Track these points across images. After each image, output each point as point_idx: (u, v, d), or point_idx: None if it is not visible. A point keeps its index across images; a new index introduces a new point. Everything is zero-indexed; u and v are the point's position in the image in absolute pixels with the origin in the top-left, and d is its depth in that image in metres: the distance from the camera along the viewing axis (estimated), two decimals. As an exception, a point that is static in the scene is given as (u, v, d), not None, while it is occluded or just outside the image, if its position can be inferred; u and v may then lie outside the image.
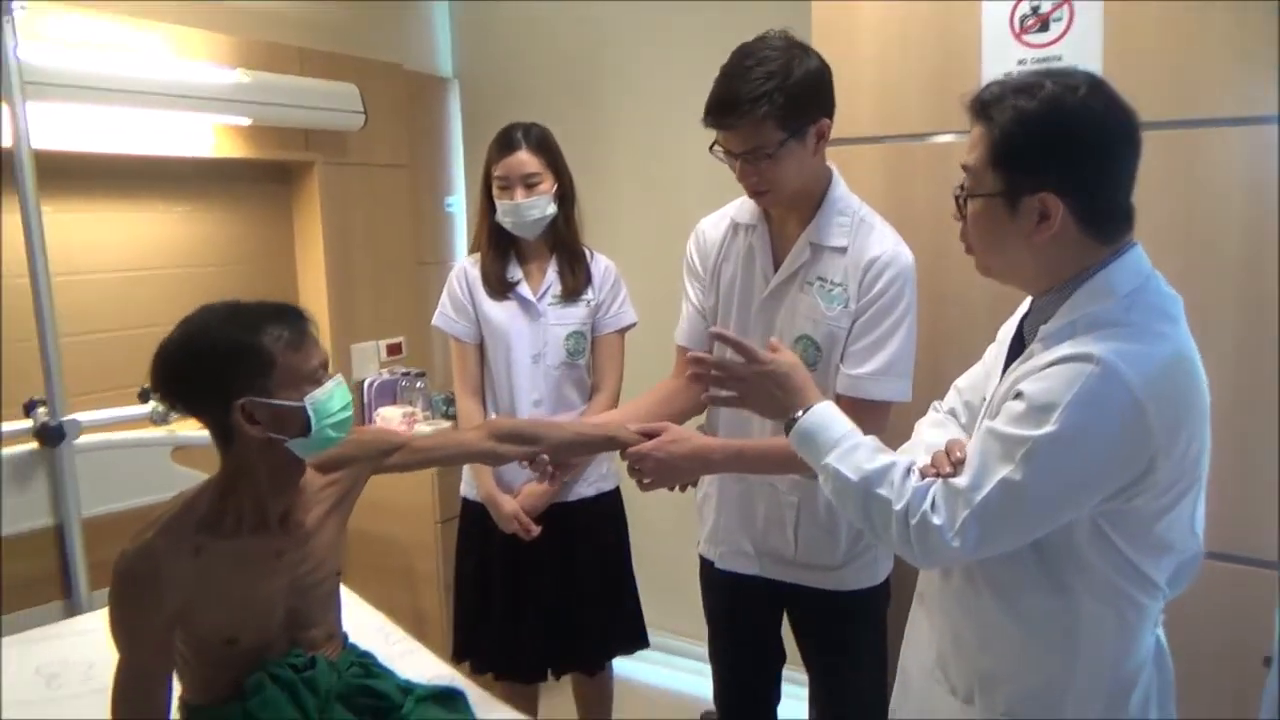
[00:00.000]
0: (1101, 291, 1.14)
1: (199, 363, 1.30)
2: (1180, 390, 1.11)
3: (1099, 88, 1.13)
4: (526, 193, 2.13)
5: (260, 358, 1.30)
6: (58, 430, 2.11)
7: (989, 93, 1.17)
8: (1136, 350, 1.08)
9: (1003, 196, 1.15)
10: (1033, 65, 1.85)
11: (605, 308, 2.25)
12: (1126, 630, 1.18)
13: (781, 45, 1.60)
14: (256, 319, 1.33)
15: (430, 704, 1.56)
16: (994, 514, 1.11)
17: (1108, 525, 1.13)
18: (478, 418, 2.21)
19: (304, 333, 1.36)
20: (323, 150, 2.90)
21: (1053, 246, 1.15)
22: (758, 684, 1.97)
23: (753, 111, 1.55)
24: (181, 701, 1.44)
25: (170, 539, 1.32)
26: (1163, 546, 1.15)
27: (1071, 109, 1.11)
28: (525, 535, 2.10)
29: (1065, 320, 1.16)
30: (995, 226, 1.18)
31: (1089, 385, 1.06)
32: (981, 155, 1.17)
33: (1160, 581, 1.17)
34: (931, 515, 1.14)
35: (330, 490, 1.50)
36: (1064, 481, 1.09)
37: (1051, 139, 1.12)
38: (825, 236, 1.69)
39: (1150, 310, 1.13)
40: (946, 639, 1.31)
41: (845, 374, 1.66)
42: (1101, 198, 1.14)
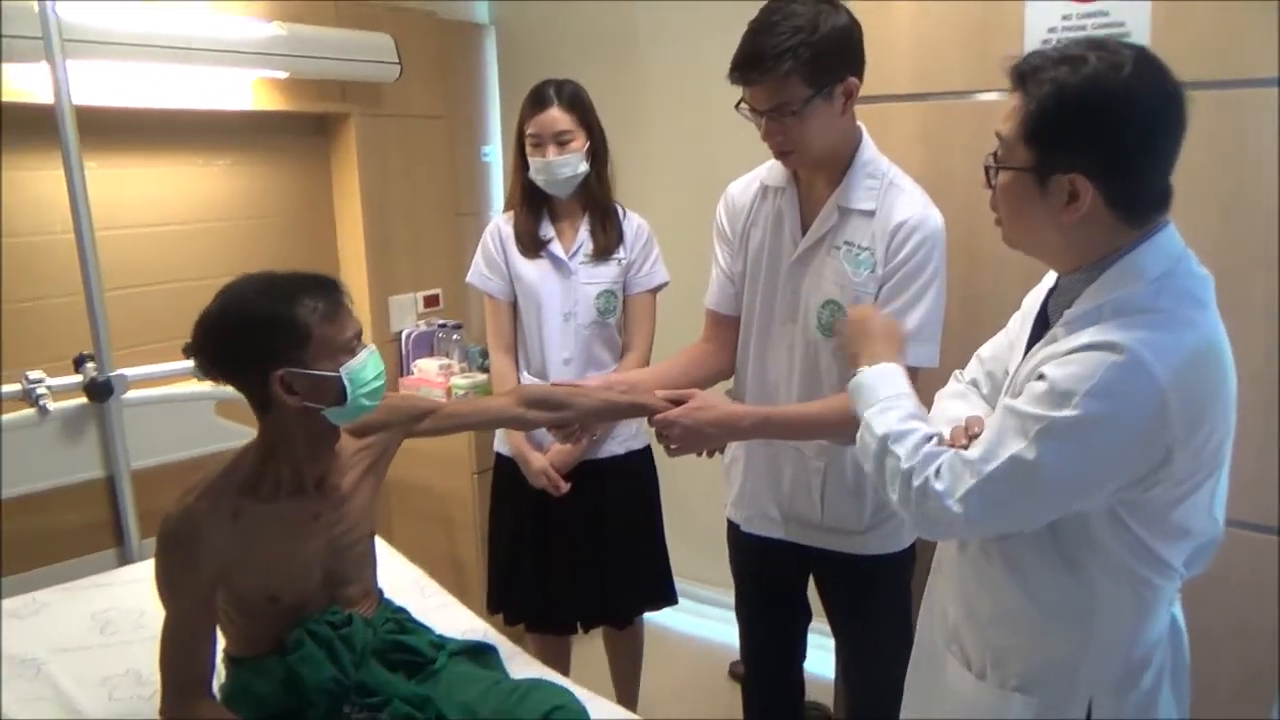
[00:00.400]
0: (1130, 275, 1.12)
1: (237, 334, 1.34)
2: (1206, 382, 1.09)
3: (1146, 65, 1.08)
4: (558, 150, 2.12)
5: (297, 329, 1.33)
6: (106, 385, 2.18)
7: (1030, 61, 1.13)
8: (1164, 339, 1.06)
9: (1032, 173, 1.13)
10: (1078, 20, 1.79)
11: (637, 266, 2.25)
12: (1141, 610, 1.18)
13: (810, 1, 1.57)
14: (292, 290, 1.36)
15: (462, 659, 1.62)
16: (999, 488, 1.11)
17: (1124, 511, 1.12)
18: (510, 375, 2.24)
19: (339, 304, 1.39)
20: (359, 102, 2.90)
21: (1081, 227, 1.13)
22: (784, 643, 2.01)
23: (777, 67, 1.53)
24: (225, 654, 1.51)
25: (211, 502, 1.37)
26: (1180, 531, 1.15)
27: (1112, 89, 1.07)
28: (554, 491, 2.14)
29: (1091, 304, 1.13)
30: (1023, 202, 1.16)
31: (1113, 374, 1.05)
32: (1015, 127, 1.14)
33: (1176, 564, 1.17)
34: (934, 480, 1.15)
35: (364, 454, 1.55)
36: (1076, 467, 1.08)
37: (1088, 120, 1.08)
38: (853, 200, 1.67)
39: (1179, 295, 1.11)
40: (961, 612, 1.32)
41: None
42: (1136, 182, 1.11)
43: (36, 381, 2.14)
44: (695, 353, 1.91)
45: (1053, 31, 1.82)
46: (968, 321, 1.85)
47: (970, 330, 1.74)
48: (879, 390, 1.30)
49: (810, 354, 1.74)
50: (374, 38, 2.82)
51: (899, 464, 1.19)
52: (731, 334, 1.88)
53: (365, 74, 2.83)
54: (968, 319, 1.86)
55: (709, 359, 1.89)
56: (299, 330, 1.33)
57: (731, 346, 1.88)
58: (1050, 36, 1.82)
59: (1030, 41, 1.83)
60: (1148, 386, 1.04)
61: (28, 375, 2.14)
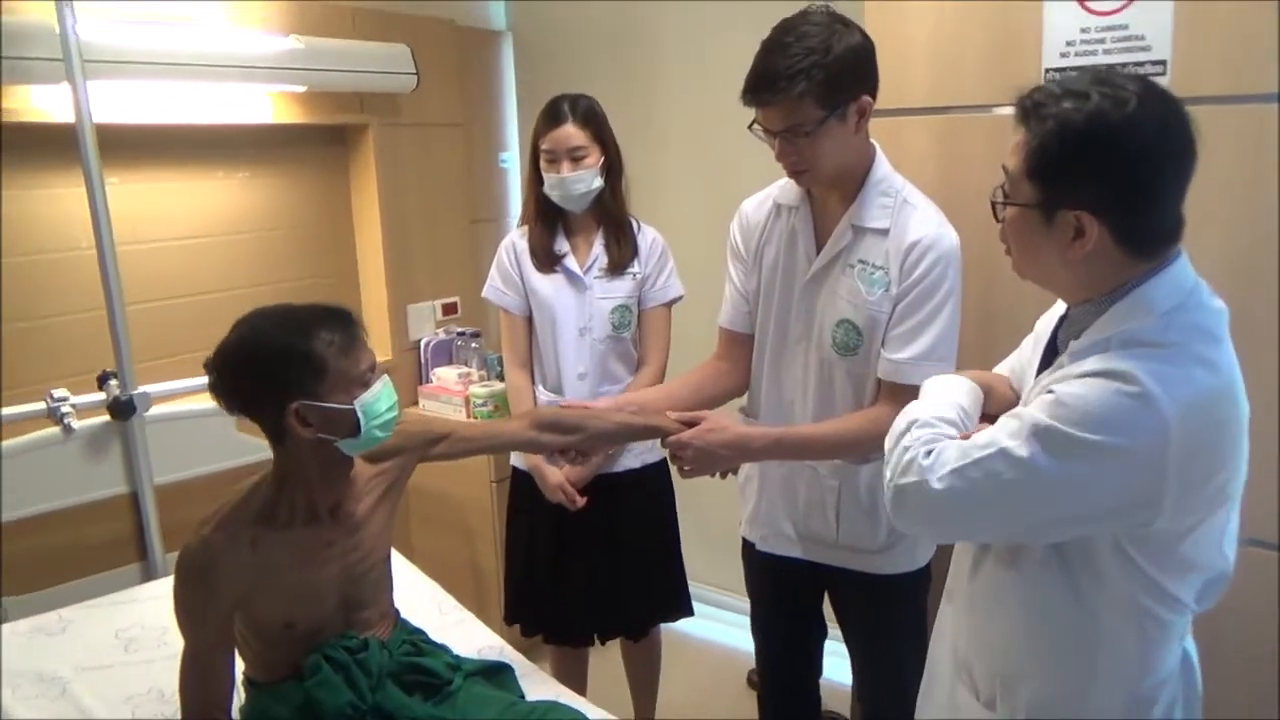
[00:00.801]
0: (1139, 309, 1.11)
1: (254, 367, 1.35)
2: (1215, 423, 1.08)
3: (1152, 100, 1.07)
4: (573, 166, 2.12)
5: (313, 362, 1.35)
6: (129, 404, 2.21)
7: (1034, 97, 1.12)
8: (1177, 377, 1.04)
9: (1038, 209, 1.12)
10: (1097, 33, 1.77)
11: (651, 280, 2.25)
12: (1148, 644, 1.17)
13: (823, 20, 1.56)
14: (309, 323, 1.37)
15: (479, 679, 1.63)
16: (981, 475, 1.10)
17: (1129, 544, 1.11)
18: (526, 389, 2.25)
19: (354, 336, 1.40)
20: (377, 112, 2.92)
21: (1089, 262, 1.12)
22: (800, 658, 2.01)
23: (790, 88, 1.52)
24: (245, 677, 1.53)
25: (228, 532, 1.39)
26: (1187, 566, 1.14)
27: (1116, 126, 1.05)
28: (571, 506, 2.15)
29: (1099, 336, 1.13)
30: (1030, 237, 1.15)
31: (1122, 404, 1.04)
32: (1020, 163, 1.13)
33: (1185, 598, 1.16)
34: (922, 458, 1.15)
35: (378, 480, 1.56)
36: (1062, 479, 1.07)
37: (1091, 157, 1.07)
38: (867, 218, 1.67)
39: (1190, 329, 1.09)
40: (970, 641, 1.32)
41: (885, 358, 1.65)
42: (1144, 218, 1.10)
43: (61, 400, 2.17)
44: (707, 371, 1.91)
45: (1071, 45, 1.79)
46: (984, 339, 1.84)
47: (986, 349, 1.73)
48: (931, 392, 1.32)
49: (825, 372, 1.73)
50: (391, 48, 2.83)
51: (901, 439, 1.21)
52: (745, 352, 1.88)
53: (383, 85, 2.85)
54: (984, 337, 1.85)
55: (722, 377, 1.89)
56: (315, 363, 1.35)
57: (745, 364, 1.88)
58: (1069, 49, 1.80)
59: (1049, 54, 1.81)
60: (1154, 424, 1.03)
61: (52, 394, 2.17)
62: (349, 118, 2.87)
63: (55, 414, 2.16)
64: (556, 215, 2.22)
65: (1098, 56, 1.77)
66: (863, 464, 1.74)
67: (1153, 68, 1.72)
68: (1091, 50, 1.77)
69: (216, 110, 2.54)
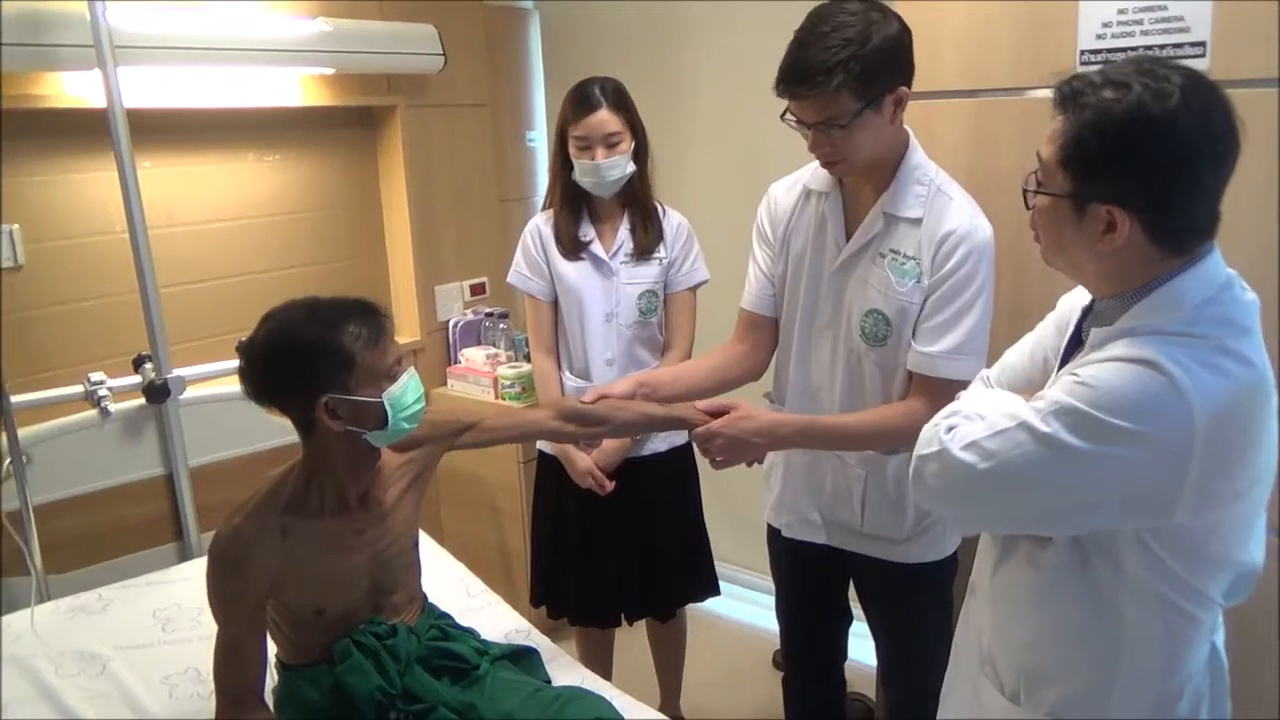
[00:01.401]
0: (1169, 303, 1.09)
1: (283, 362, 1.37)
2: (1243, 422, 1.06)
3: (1196, 95, 1.03)
4: (607, 152, 2.10)
5: (342, 356, 1.36)
6: (164, 388, 2.25)
7: (1073, 84, 1.09)
8: (1202, 365, 1.02)
9: (1070, 200, 1.10)
10: (1134, 14, 1.72)
11: (677, 265, 2.24)
12: (1176, 641, 1.16)
13: (859, 9, 1.51)
14: (338, 317, 1.38)
15: (505, 663, 1.65)
16: (999, 447, 1.09)
17: (1152, 538, 1.10)
18: (552, 374, 2.26)
19: (382, 329, 1.41)
20: (404, 93, 2.92)
21: (1119, 255, 1.09)
22: (826, 644, 2.01)
23: (827, 82, 1.48)
24: (277, 660, 1.57)
25: (259, 522, 1.42)
26: (1213, 561, 1.12)
27: (1156, 120, 1.02)
28: (600, 490, 2.16)
29: (1124, 326, 1.11)
30: (1060, 228, 1.13)
31: (1152, 392, 1.02)
32: (1055, 152, 1.10)
33: (1212, 593, 1.14)
34: (944, 427, 1.15)
35: (406, 468, 1.58)
36: (1082, 459, 1.05)
37: (1128, 152, 1.04)
38: (900, 207, 1.64)
39: (1219, 322, 1.07)
40: (995, 635, 1.31)
41: (918, 351, 1.63)
42: (1178, 215, 1.07)
43: (98, 384, 2.21)
44: (725, 354, 1.90)
45: (1107, 26, 1.75)
46: (1015, 330, 1.80)
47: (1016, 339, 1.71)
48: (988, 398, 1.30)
49: (853, 361, 1.72)
50: (418, 29, 2.82)
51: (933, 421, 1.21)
52: (765, 336, 1.87)
53: (410, 66, 2.85)
54: (1014, 328, 1.82)
55: (741, 360, 1.88)
56: (344, 357, 1.36)
57: (764, 349, 1.87)
58: (1105, 31, 1.76)
59: (1084, 36, 1.77)
60: (1180, 412, 1.01)
61: (90, 377, 2.22)
62: (377, 99, 2.88)
63: (92, 397, 2.21)
64: (582, 201, 2.21)
65: (1135, 38, 1.72)
66: (891, 454, 1.73)
67: (1192, 49, 1.68)
68: (1129, 32, 1.73)
69: (246, 94, 2.55)
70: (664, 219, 2.25)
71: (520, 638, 1.84)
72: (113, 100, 2.15)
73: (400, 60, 2.80)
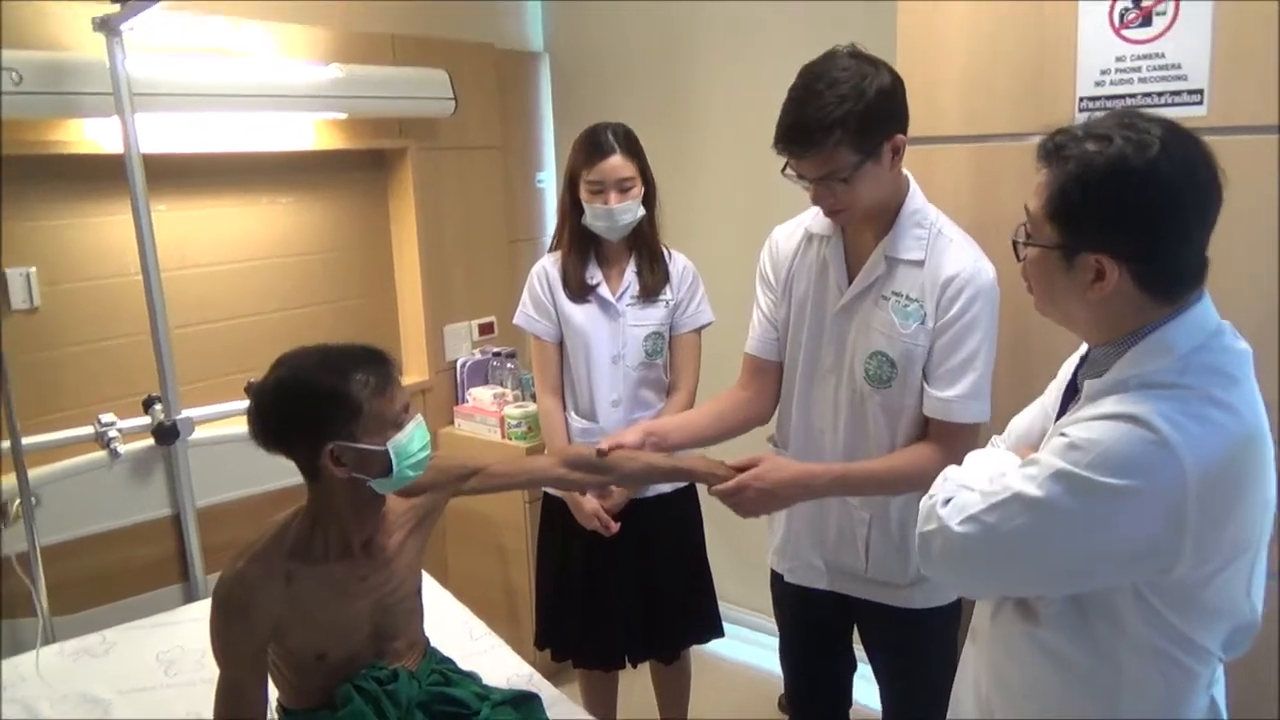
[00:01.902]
0: (1159, 350, 1.10)
1: (292, 408, 1.38)
2: (1236, 472, 1.06)
3: (1176, 143, 1.06)
4: (620, 197, 2.13)
5: (349, 404, 1.37)
6: (173, 429, 2.27)
7: (1056, 139, 1.12)
8: (1191, 418, 1.04)
9: (1059, 251, 1.12)
10: (1133, 61, 1.75)
11: (683, 307, 2.26)
12: (1172, 692, 1.15)
13: (850, 64, 1.54)
14: (346, 365, 1.40)
15: (506, 709, 1.64)
16: (997, 520, 1.11)
17: (1148, 590, 1.10)
18: (557, 416, 2.27)
19: (389, 377, 1.42)
20: (416, 136, 2.96)
21: (1109, 304, 1.12)
22: (830, 689, 2.00)
23: (825, 140, 1.51)
24: (279, 705, 1.57)
25: (262, 567, 1.42)
26: (1211, 613, 1.12)
27: (1137, 171, 1.05)
28: (606, 532, 2.16)
29: (1116, 378, 1.12)
30: (1050, 278, 1.15)
31: (1140, 450, 1.03)
32: (1042, 205, 1.13)
33: (1210, 646, 1.14)
34: (941, 500, 1.17)
35: (410, 514, 1.59)
36: (1079, 522, 1.06)
37: (1112, 202, 1.07)
38: (901, 250, 1.66)
39: (1208, 372, 1.08)
40: (993, 683, 1.31)
41: (935, 396, 1.64)
42: (1165, 262, 1.09)
43: (108, 425, 2.24)
44: (729, 400, 1.91)
45: (1105, 73, 1.78)
46: (1018, 370, 1.82)
47: (1018, 383, 1.72)
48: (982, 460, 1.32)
49: (856, 403, 1.73)
50: (430, 74, 2.88)
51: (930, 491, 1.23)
52: (770, 381, 1.88)
53: (422, 110, 2.90)
54: (1018, 367, 1.83)
55: (746, 405, 1.89)
56: (351, 405, 1.37)
57: (769, 394, 1.88)
58: (1104, 78, 1.78)
59: (1083, 83, 1.80)
60: (1171, 467, 1.02)
61: (100, 419, 2.24)
62: (389, 142, 2.93)
63: (102, 439, 2.23)
64: (590, 244, 2.24)
65: (1133, 85, 1.75)
66: (895, 496, 1.73)
67: (1189, 97, 1.70)
68: (1127, 79, 1.75)
69: (260, 138, 2.60)
70: (670, 261, 2.27)
71: (522, 682, 1.83)
72: (130, 146, 2.20)
73: (412, 104, 2.85)
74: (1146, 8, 1.71)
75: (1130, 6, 1.73)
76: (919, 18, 1.96)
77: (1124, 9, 1.73)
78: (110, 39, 2.11)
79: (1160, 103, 1.72)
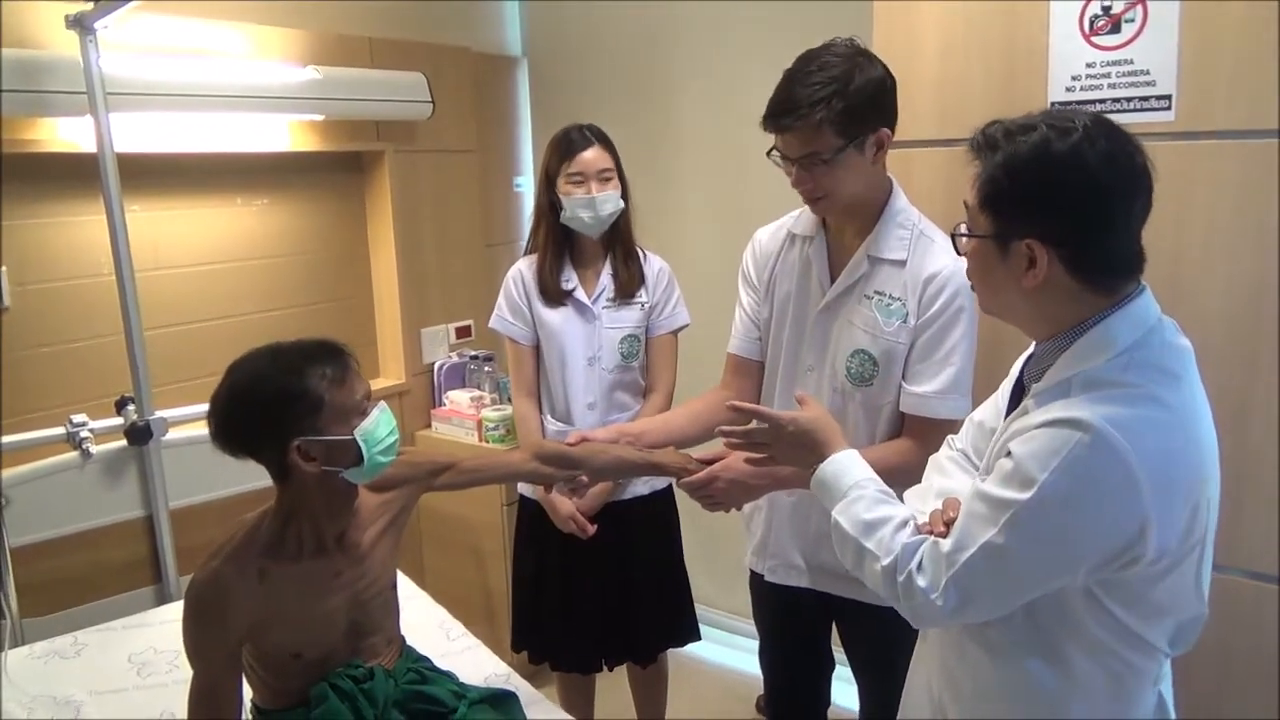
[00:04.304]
0: (1099, 345, 1.12)
1: (251, 411, 1.37)
2: (1179, 462, 1.09)
3: (1097, 131, 1.10)
4: (601, 186, 2.15)
5: (309, 398, 1.36)
6: (145, 429, 2.25)
7: (987, 132, 1.16)
8: (1132, 416, 1.06)
9: (993, 239, 1.15)
10: (1102, 68, 1.78)
11: (659, 309, 2.27)
12: (1120, 690, 1.17)
13: (845, 52, 1.59)
14: (300, 360, 1.38)
15: (484, 707, 1.64)
16: (975, 578, 1.12)
17: (1101, 591, 1.12)
18: (533, 418, 2.28)
19: (346, 366, 1.42)
20: (393, 139, 2.96)
21: (1045, 294, 1.14)
22: (808, 691, 2.00)
23: (810, 115, 1.54)
24: (253, 704, 1.55)
25: (236, 565, 1.41)
26: (1159, 610, 1.14)
27: (1058, 156, 1.08)
28: (582, 535, 2.17)
29: (1060, 377, 1.14)
30: (988, 269, 1.18)
31: (1077, 454, 1.05)
32: (974, 195, 1.16)
33: (1158, 643, 1.16)
34: (917, 575, 1.16)
35: (383, 509, 1.58)
36: (1047, 549, 1.09)
37: (1037, 186, 1.10)
38: (884, 249, 1.68)
39: (1148, 369, 1.11)
40: (945, 686, 1.32)
41: (911, 392, 1.66)
42: (1095, 247, 1.12)
43: (80, 425, 2.22)
44: (709, 400, 1.91)
45: (1076, 79, 1.81)
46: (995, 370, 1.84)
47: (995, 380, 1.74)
48: (841, 481, 1.32)
49: (838, 401, 1.74)
50: (408, 77, 2.87)
51: (878, 563, 1.20)
52: (752, 381, 1.89)
53: (399, 113, 2.89)
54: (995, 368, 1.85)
55: (722, 406, 1.89)
56: (311, 399, 1.36)
57: (749, 394, 1.89)
58: (1074, 84, 1.81)
59: (1055, 89, 1.83)
60: (1115, 465, 1.04)
61: (71, 419, 2.22)
62: (365, 145, 2.92)
63: (74, 439, 2.20)
64: (565, 246, 2.24)
65: (1103, 91, 1.78)
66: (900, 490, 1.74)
67: (1158, 102, 1.73)
68: (1097, 84, 1.78)
69: (236, 139, 2.59)
70: (645, 263, 2.28)
71: (500, 681, 1.82)
72: (104, 145, 2.18)
73: (389, 107, 2.85)
74: (1116, 15, 1.75)
75: (1100, 14, 1.76)
76: (895, 23, 1.98)
77: (1094, 16, 1.77)
78: (84, 37, 2.09)
79: (1129, 108, 1.75)
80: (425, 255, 3.11)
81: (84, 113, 2.15)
